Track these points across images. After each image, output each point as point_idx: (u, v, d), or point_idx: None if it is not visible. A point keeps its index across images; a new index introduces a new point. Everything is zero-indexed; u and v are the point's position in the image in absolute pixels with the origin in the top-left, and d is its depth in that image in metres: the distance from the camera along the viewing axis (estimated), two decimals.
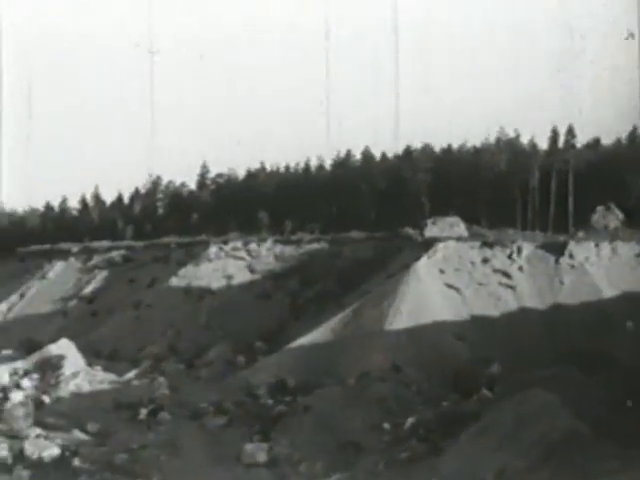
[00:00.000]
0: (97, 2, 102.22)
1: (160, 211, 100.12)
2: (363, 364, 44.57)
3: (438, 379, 42.47)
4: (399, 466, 31.40)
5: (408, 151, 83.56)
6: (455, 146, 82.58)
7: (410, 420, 36.13)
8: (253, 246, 69.28)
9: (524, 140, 78.54)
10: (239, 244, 69.59)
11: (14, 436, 34.40)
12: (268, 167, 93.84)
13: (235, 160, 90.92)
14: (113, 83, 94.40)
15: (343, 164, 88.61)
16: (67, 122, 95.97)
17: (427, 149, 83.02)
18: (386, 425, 36.40)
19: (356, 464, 32.14)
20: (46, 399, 42.46)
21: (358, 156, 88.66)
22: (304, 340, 48.98)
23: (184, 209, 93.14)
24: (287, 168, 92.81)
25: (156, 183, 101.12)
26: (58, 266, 79.48)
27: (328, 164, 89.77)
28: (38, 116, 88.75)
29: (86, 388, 46.27)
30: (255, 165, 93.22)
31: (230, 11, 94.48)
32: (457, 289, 53.34)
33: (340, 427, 36.26)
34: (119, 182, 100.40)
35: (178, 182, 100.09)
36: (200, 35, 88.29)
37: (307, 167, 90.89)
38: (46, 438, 34.09)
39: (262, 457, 32.50)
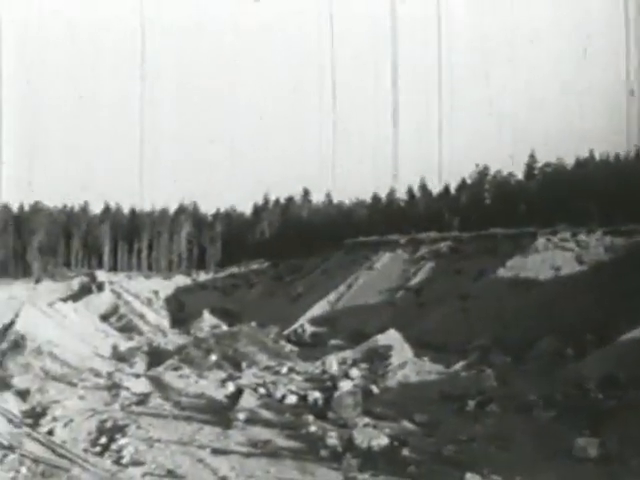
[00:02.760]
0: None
1: (487, 202, 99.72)
2: None
3: None
4: None
5: None
6: None
7: None
8: (582, 237, 67.25)
9: None
10: (567, 235, 67.83)
11: (343, 425, 35.18)
12: (597, 156, 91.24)
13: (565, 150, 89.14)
14: None
15: None
16: None
17: None
18: None
19: None
20: (374, 389, 43.16)
21: None
22: (636, 333, 46.58)
23: (511, 200, 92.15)
24: (617, 157, 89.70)
25: (483, 173, 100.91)
26: (385, 257, 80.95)
27: None
28: None
29: (414, 379, 46.61)
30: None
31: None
32: None
33: None
34: (448, 173, 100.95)
35: (505, 172, 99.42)
36: None
37: (638, 155, 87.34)
38: (375, 427, 34.50)
39: (593, 452, 31.07)
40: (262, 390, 43.38)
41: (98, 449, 32.52)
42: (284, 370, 50.74)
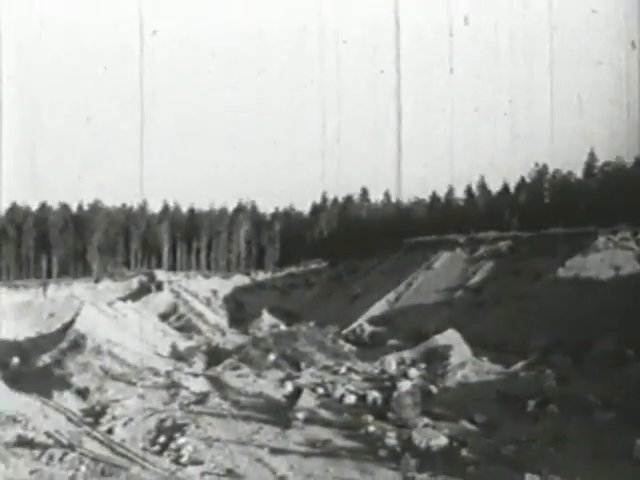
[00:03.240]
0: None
1: (546, 201, 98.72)
2: None
3: None
4: None
5: None
6: None
7: None
8: None
9: None
10: (628, 234, 67.13)
11: (402, 425, 35.38)
12: None
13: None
14: None
15: None
16: None
17: None
18: None
19: None
20: (433, 389, 43.29)
21: None
22: None
23: (571, 199, 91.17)
24: None
25: (542, 172, 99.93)
26: (444, 257, 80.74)
27: None
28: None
29: (473, 379, 46.64)
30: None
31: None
32: None
33: None
34: (505, 172, 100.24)
35: (565, 171, 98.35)
36: None
37: None
38: (434, 427, 34.69)
39: None
40: (321, 390, 43.71)
41: (157, 448, 33.17)
42: (343, 370, 50.99)
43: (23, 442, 32.54)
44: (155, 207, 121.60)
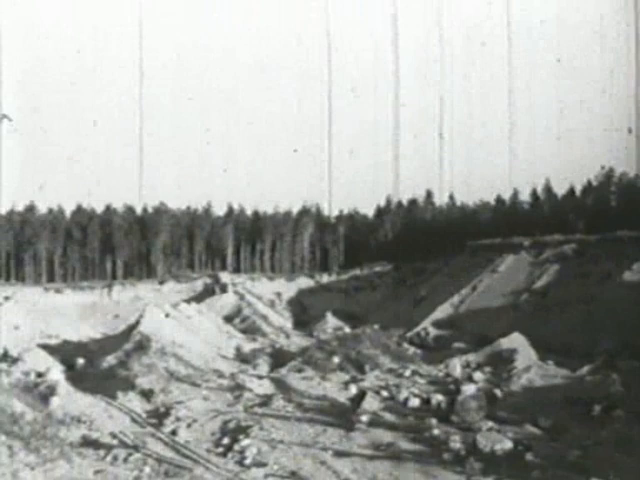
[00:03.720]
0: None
1: (613, 204, 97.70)
2: None
3: None
4: None
5: None
6: None
7: None
8: None
9: None
10: None
11: (467, 428, 35.16)
12: None
13: None
14: None
15: None
16: None
17: None
18: None
19: None
20: (498, 393, 42.93)
21: None
22: None
23: (637, 201, 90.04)
24: None
25: (609, 175, 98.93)
26: (509, 259, 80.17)
27: None
28: None
29: (538, 383, 46.18)
30: None
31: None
32: None
33: None
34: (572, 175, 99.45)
35: (632, 174, 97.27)
36: None
37: None
38: (499, 431, 34.40)
39: None
40: (385, 393, 43.64)
41: (221, 450, 33.33)
42: (407, 373, 50.92)
43: (88, 442, 32.95)
44: (220, 209, 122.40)
